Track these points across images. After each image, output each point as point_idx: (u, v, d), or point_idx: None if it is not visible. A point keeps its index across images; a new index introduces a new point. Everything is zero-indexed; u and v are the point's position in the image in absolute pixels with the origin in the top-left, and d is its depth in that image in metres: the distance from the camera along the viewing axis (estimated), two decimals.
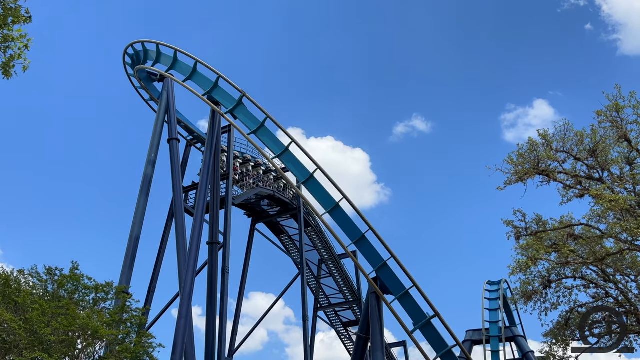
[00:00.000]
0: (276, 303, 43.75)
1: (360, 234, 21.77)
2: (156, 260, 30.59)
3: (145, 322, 18.05)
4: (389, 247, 21.46)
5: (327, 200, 22.38)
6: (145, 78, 33.18)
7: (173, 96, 31.07)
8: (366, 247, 21.86)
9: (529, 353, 34.61)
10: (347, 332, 47.81)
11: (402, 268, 21.24)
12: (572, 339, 13.39)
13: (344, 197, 22.13)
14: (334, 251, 45.46)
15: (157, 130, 29.50)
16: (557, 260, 12.42)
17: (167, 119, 30.37)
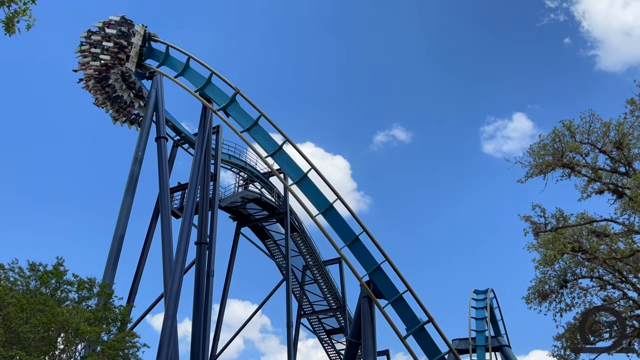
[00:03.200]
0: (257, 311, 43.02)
1: (354, 236, 21.32)
2: (139, 261, 29.72)
3: (129, 321, 17.30)
4: (384, 250, 21.05)
5: (321, 201, 21.91)
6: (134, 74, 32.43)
7: (162, 94, 30.39)
8: (360, 249, 21.40)
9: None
10: (330, 340, 47.15)
11: (397, 272, 20.83)
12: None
13: (338, 198, 21.70)
14: (320, 257, 44.94)
15: (145, 128, 28.79)
16: (583, 256, 12.10)
17: (154, 117, 29.70)
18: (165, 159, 27.18)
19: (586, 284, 13.31)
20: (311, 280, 45.38)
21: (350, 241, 21.34)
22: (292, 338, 37.23)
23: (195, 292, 23.50)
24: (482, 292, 39.14)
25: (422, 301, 20.56)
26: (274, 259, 43.90)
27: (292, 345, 36.51)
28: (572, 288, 13.12)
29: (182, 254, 21.79)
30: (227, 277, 39.32)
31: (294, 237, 43.10)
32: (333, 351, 47.47)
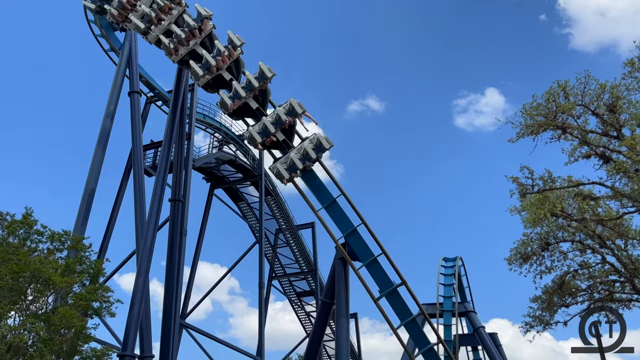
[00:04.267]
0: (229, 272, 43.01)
1: (332, 199, 21.21)
2: (110, 217, 29.11)
3: (103, 274, 16.98)
4: (360, 214, 21.05)
5: None
6: (107, 25, 31.10)
7: (136, 47, 29.37)
8: (336, 212, 21.32)
9: (480, 328, 35.46)
10: (300, 302, 47.77)
11: (373, 235, 20.90)
12: (561, 305, 13.46)
13: (317, 160, 21.44)
14: (293, 221, 45.01)
15: (118, 82, 27.85)
16: (567, 220, 12.26)
17: (128, 72, 28.71)
18: (139, 114, 26.45)
19: (566, 248, 13.64)
20: (283, 243, 45.56)
21: (328, 204, 21.23)
22: (264, 299, 37.46)
23: (169, 250, 23.20)
24: (451, 259, 39.98)
25: (396, 265, 20.77)
26: (247, 221, 43.76)
27: (263, 306, 36.76)
28: (552, 251, 13.41)
29: (156, 210, 21.40)
30: (199, 238, 39.05)
31: (268, 201, 42.96)
32: (303, 313, 48.17)
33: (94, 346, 16.05)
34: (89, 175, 23.38)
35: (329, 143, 19.97)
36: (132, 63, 28.48)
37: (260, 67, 20.50)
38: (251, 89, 20.13)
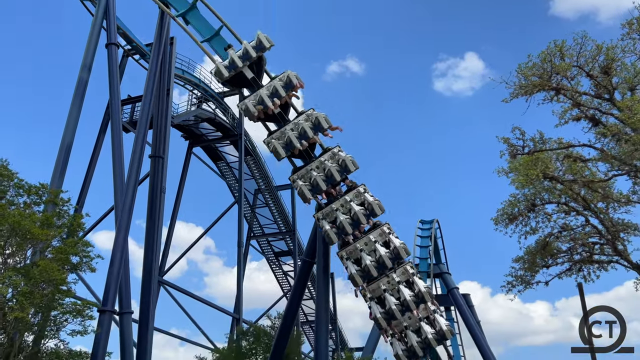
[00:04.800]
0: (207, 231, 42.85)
1: None
2: (86, 173, 28.51)
3: (83, 229, 16.72)
4: None
5: None
6: None
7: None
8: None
9: (454, 289, 36.48)
10: (279, 262, 48.21)
11: None
12: (543, 266, 13.83)
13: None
14: (272, 182, 44.90)
15: (94, 33, 26.73)
16: (553, 182, 12.42)
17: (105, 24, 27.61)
18: (116, 66, 25.61)
19: (551, 210, 13.93)
20: (262, 204, 45.56)
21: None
22: (242, 257, 37.64)
23: (149, 207, 22.93)
24: (428, 222, 40.68)
25: None
26: (225, 180, 43.47)
27: (241, 264, 36.98)
28: (538, 213, 13.66)
29: (136, 166, 21.01)
30: (177, 197, 38.71)
31: (247, 161, 42.65)
32: (280, 272, 48.70)
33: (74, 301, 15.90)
34: (65, 128, 22.70)
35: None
36: (110, 13, 27.37)
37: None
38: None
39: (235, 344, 31.52)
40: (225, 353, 30.81)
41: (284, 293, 48.09)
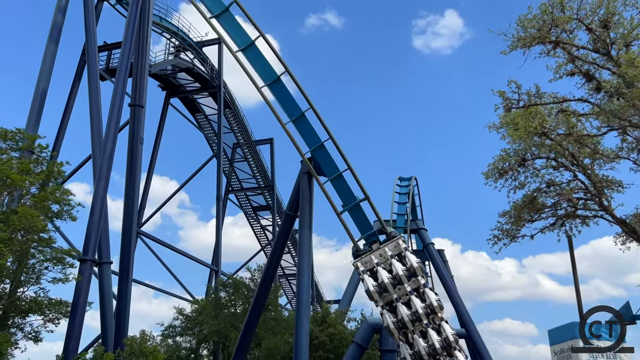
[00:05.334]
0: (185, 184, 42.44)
1: (300, 112, 20.82)
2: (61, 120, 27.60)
3: (63, 176, 16.28)
4: (328, 128, 20.87)
5: (268, 72, 20.90)
6: None
7: None
8: (304, 126, 21.04)
9: (430, 245, 37.26)
10: (257, 216, 48.31)
11: (339, 150, 20.86)
12: (529, 220, 14.13)
13: (286, 70, 20.79)
14: (251, 136, 44.41)
15: None
16: (546, 136, 12.49)
17: None
18: (92, 10, 24.54)
19: (540, 164, 14.08)
20: (241, 158, 45.18)
21: (296, 117, 20.85)
22: (221, 211, 37.58)
23: (129, 156, 22.42)
24: (406, 179, 41.01)
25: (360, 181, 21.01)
26: (203, 132, 42.80)
27: (220, 218, 36.96)
28: (527, 168, 13.82)
29: (116, 114, 20.41)
30: (154, 149, 38.05)
31: (226, 114, 41.94)
32: (258, 226, 48.89)
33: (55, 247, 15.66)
34: (40, 73, 21.85)
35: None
36: None
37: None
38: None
39: (214, 295, 31.85)
40: (204, 304, 31.15)
41: (262, 247, 48.45)
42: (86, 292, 17.55)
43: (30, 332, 17.01)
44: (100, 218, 18.37)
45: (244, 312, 29.82)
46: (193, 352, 30.94)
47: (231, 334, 28.92)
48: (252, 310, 22.91)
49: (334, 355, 25.69)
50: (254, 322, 23.10)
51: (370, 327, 24.24)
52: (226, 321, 28.99)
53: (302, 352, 18.93)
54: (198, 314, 30.28)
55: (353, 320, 29.18)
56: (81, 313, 17.17)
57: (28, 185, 14.71)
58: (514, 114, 12.77)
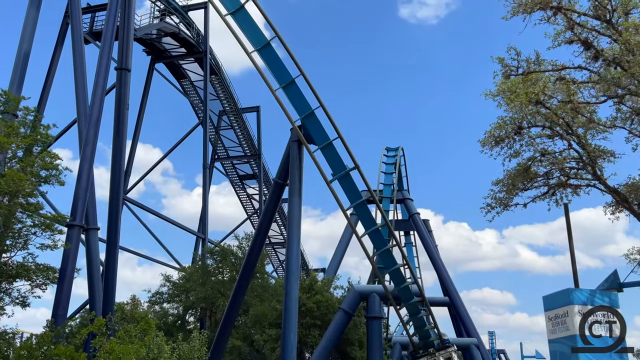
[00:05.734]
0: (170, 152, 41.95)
1: (291, 79, 20.54)
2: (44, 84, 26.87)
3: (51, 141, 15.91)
4: (319, 96, 20.66)
5: (258, 36, 20.49)
6: None
7: None
8: (294, 93, 20.80)
9: (415, 215, 37.59)
10: (243, 185, 48.16)
11: (330, 119, 20.74)
12: (522, 189, 14.24)
13: (276, 35, 20.40)
14: (238, 103, 43.89)
15: None
16: (544, 105, 12.51)
17: None
18: None
19: (535, 133, 14.14)
20: (227, 126, 44.72)
21: (286, 83, 20.57)
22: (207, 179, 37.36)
23: (116, 121, 21.99)
24: (393, 149, 41.02)
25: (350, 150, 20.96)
26: (188, 98, 42.14)
27: (207, 186, 36.77)
28: (523, 136, 13.87)
29: (103, 77, 19.90)
30: (139, 115, 37.44)
31: (213, 81, 41.28)
32: (244, 195, 48.80)
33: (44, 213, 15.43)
34: (22, 35, 21.12)
35: None
36: None
37: None
38: None
39: (202, 262, 31.94)
40: (192, 271, 31.25)
41: (248, 216, 48.46)
42: (74, 258, 17.41)
43: (17, 298, 16.91)
44: (87, 183, 18.10)
45: (231, 280, 30.01)
46: (180, 318, 31.18)
47: (219, 300, 29.15)
48: (241, 278, 23.04)
49: (321, 322, 26.05)
50: (243, 289, 23.25)
51: (357, 295, 24.57)
52: (214, 288, 29.17)
53: (292, 318, 19.16)
54: (185, 281, 30.40)
55: (340, 288, 29.55)
56: (69, 279, 17.07)
57: (15, 148, 14.36)
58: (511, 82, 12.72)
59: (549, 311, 11.61)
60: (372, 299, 24.37)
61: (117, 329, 14.63)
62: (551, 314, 11.52)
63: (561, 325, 11.37)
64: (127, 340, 13.39)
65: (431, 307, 24.18)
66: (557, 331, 11.52)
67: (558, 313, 11.28)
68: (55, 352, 14.02)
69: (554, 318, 11.45)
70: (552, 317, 11.47)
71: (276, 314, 26.24)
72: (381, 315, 24.63)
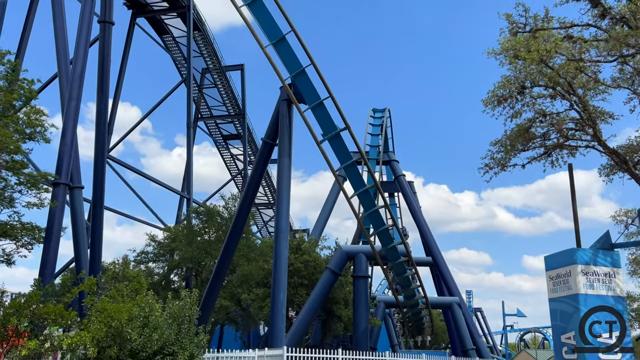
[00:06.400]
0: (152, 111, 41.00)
1: (281, 35, 20.00)
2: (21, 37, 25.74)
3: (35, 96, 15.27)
4: (310, 53, 20.20)
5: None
6: None
7: None
8: (285, 50, 20.31)
9: (401, 176, 37.74)
10: (227, 144, 47.61)
11: (321, 77, 20.38)
12: (521, 150, 14.21)
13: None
14: (222, 61, 42.87)
15: None
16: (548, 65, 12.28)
17: None
18: None
19: (537, 92, 14.01)
20: (210, 84, 43.79)
21: (277, 40, 20.04)
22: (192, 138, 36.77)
23: (99, 77, 21.23)
24: (380, 111, 40.80)
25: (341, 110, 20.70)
26: (170, 54, 40.98)
27: (191, 145, 36.21)
28: (525, 95, 13.74)
29: (86, 31, 19.08)
30: (120, 71, 36.33)
31: (195, 37, 40.10)
32: (228, 155, 48.31)
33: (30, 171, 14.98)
34: None
35: None
36: None
37: None
38: None
39: (187, 222, 31.75)
40: (177, 231, 31.06)
41: (232, 177, 48.13)
42: (60, 217, 17.08)
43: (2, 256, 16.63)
44: (72, 140, 17.58)
45: (217, 240, 29.94)
46: (165, 277, 31.15)
47: (205, 260, 29.14)
48: (230, 237, 22.97)
49: (308, 281, 26.29)
50: (232, 248, 23.24)
51: (344, 254, 24.78)
52: (200, 248, 29.10)
53: (281, 278, 19.25)
54: (171, 241, 30.24)
55: (326, 248, 29.73)
56: (56, 238, 16.78)
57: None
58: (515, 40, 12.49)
59: (551, 270, 11.81)
60: (359, 258, 24.62)
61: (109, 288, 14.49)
62: (552, 273, 11.73)
63: (563, 285, 11.63)
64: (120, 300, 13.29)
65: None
66: (558, 290, 11.78)
67: (560, 272, 11.49)
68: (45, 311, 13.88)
69: (555, 277, 11.67)
70: (554, 277, 11.69)
71: (263, 274, 26.39)
72: (368, 275, 24.94)
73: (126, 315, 12.56)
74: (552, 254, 11.97)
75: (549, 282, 11.90)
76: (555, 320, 11.98)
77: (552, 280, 11.76)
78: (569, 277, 11.27)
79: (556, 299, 11.83)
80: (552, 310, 11.88)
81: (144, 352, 12.16)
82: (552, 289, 11.91)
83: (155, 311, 13.30)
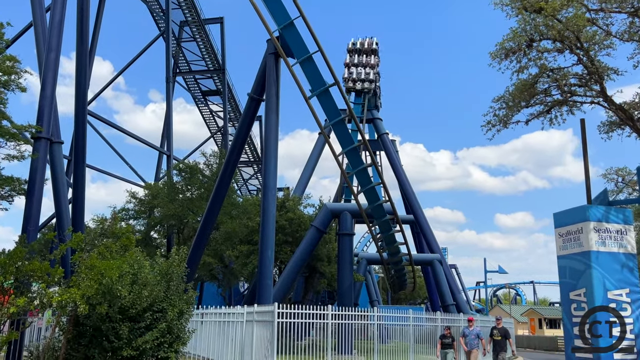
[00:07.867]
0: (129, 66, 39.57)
1: None
2: None
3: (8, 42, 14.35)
4: (299, 4, 19.53)
5: None
6: None
7: None
8: (274, 0, 19.59)
9: (384, 135, 37.64)
10: (206, 101, 46.58)
11: (310, 30, 19.80)
12: (524, 106, 14.06)
13: None
14: (201, 14, 41.38)
15: None
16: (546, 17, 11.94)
17: None
18: None
19: (544, 46, 13.78)
20: (189, 38, 42.38)
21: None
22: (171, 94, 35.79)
23: (79, 25, 20.15)
24: None
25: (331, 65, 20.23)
26: (147, 4, 39.33)
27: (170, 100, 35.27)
28: (533, 49, 13.50)
29: None
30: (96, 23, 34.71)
31: None
32: (207, 111, 47.32)
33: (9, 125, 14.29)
34: None
35: None
36: None
37: None
38: None
39: (168, 179, 31.27)
40: (158, 188, 30.60)
41: (212, 134, 47.32)
42: (42, 170, 16.47)
43: None
44: (52, 94, 16.81)
45: (199, 197, 29.63)
46: (145, 234, 30.87)
47: (188, 217, 28.89)
48: (216, 194, 22.66)
49: (292, 239, 26.37)
50: (217, 204, 22.95)
51: (329, 212, 24.80)
52: (182, 205, 28.80)
53: (269, 234, 19.14)
54: (152, 198, 29.82)
55: (310, 206, 29.76)
56: (39, 192, 16.21)
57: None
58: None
59: (560, 227, 11.85)
60: (344, 216, 24.66)
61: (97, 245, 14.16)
62: (562, 230, 11.77)
63: (573, 242, 11.67)
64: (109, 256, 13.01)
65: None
66: (568, 247, 11.83)
67: (571, 229, 11.55)
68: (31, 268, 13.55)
69: (565, 234, 11.72)
70: (564, 234, 11.75)
71: (247, 231, 26.32)
72: (352, 232, 25.07)
73: (117, 272, 12.32)
74: (562, 211, 12.01)
75: (558, 239, 11.97)
76: (564, 277, 12.00)
77: (562, 237, 11.82)
78: (580, 234, 11.33)
79: (566, 256, 11.88)
80: (561, 267, 11.93)
81: (134, 308, 12.01)
82: (561, 246, 11.95)
83: (144, 268, 13.10)
